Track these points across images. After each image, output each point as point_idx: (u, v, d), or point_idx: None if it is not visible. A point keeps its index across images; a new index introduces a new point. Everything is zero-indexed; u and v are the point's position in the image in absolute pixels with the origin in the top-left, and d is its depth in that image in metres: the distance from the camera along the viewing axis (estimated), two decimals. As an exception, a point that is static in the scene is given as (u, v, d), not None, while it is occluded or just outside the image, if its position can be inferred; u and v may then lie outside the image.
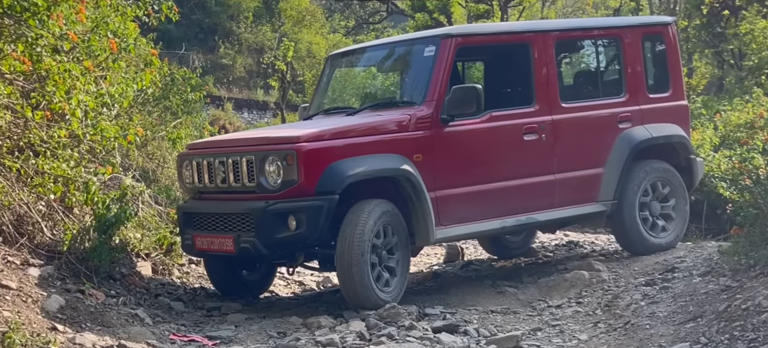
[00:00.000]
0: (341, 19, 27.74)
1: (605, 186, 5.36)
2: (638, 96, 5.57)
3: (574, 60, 6.10)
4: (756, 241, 4.04)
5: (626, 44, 5.57)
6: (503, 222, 5.03)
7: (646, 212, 5.50)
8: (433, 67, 4.87)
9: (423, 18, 17.18)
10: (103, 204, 4.77)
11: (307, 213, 4.37)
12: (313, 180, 4.40)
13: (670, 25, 5.86)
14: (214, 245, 4.70)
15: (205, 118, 10.46)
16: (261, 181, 4.50)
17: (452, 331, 4.25)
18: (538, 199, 5.16)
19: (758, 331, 3.36)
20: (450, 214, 4.80)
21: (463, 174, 4.88)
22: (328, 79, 5.87)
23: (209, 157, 4.80)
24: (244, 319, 4.74)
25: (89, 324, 4.12)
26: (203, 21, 27.46)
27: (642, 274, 5.00)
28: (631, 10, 16.30)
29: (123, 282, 4.94)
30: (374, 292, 4.51)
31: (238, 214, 4.59)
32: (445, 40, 4.93)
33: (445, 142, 4.79)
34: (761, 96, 9.57)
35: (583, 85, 5.71)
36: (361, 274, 4.44)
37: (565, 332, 4.21)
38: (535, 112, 5.17)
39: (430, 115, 4.76)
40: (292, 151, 4.41)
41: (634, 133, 5.45)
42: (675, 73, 5.76)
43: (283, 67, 17.96)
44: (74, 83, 4.73)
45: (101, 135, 4.88)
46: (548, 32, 5.39)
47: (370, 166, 4.54)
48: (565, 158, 5.24)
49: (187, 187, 5.02)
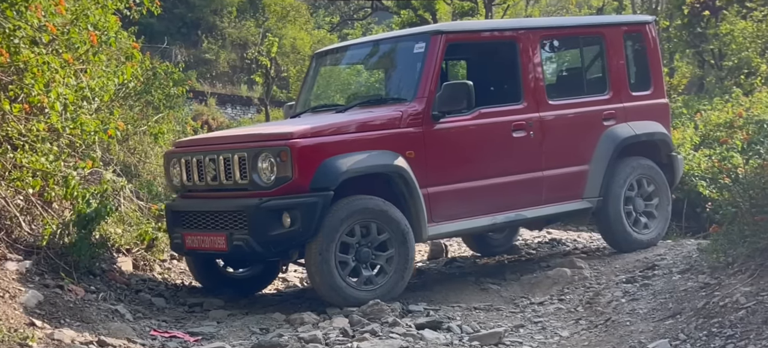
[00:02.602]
0: (326, 15, 27.66)
1: (591, 183, 5.39)
2: (621, 94, 5.61)
3: (560, 58, 6.13)
4: (734, 239, 4.09)
5: (609, 42, 5.62)
6: (493, 219, 5.04)
7: (630, 207, 5.56)
8: (424, 64, 4.87)
9: (408, 15, 17.20)
10: (83, 199, 4.71)
11: (302, 210, 4.34)
12: (307, 176, 4.38)
13: (649, 24, 5.92)
14: (205, 244, 4.66)
15: (188, 114, 10.37)
16: (254, 178, 4.46)
17: (436, 328, 4.26)
18: (526, 196, 5.17)
19: (735, 327, 3.41)
20: (441, 211, 4.80)
21: (454, 171, 4.87)
22: (313, 76, 5.85)
23: (198, 154, 4.74)
24: (227, 315, 4.71)
25: (68, 320, 4.07)
26: (186, 15, 27.22)
27: (623, 271, 5.04)
28: (614, 10, 16.44)
29: (103, 278, 4.88)
30: (346, 291, 4.48)
31: (230, 212, 4.55)
32: (434, 37, 4.93)
33: (436, 138, 4.79)
34: (740, 96, 9.70)
35: (569, 83, 5.74)
36: (327, 273, 4.41)
37: (547, 329, 4.24)
38: (524, 109, 5.19)
39: (421, 112, 4.76)
40: (286, 147, 4.38)
41: (618, 130, 5.50)
42: (655, 72, 5.82)
43: (267, 63, 17.88)
44: (53, 76, 4.66)
45: (81, 129, 4.82)
46: (534, 30, 5.42)
47: (364, 162, 4.52)
48: (552, 155, 5.26)
49: (175, 185, 4.96)
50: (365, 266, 4.59)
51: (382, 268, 4.63)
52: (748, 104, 8.99)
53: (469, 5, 17.00)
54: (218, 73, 27.61)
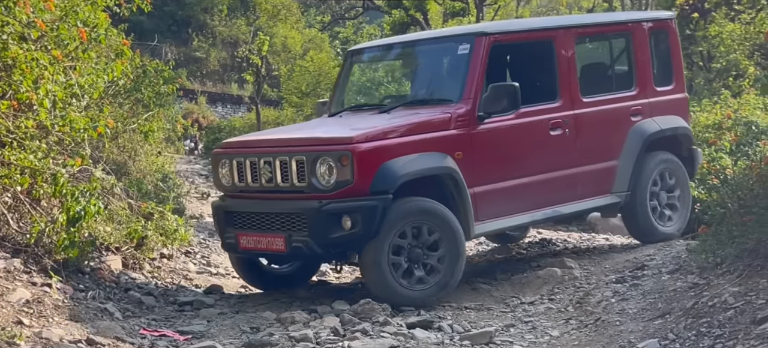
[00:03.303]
0: (317, 13, 27.62)
1: (620, 178, 5.51)
2: (647, 89, 5.73)
3: (590, 55, 6.24)
4: (723, 240, 4.12)
5: (636, 39, 5.73)
6: (532, 216, 5.16)
7: (655, 202, 5.68)
8: (469, 65, 4.96)
9: (399, 14, 17.21)
10: (72, 196, 4.67)
11: (363, 213, 4.44)
12: (367, 180, 4.46)
13: (673, 20, 6.07)
14: (261, 244, 4.73)
15: (178, 112, 10.32)
16: (312, 181, 4.53)
17: (426, 327, 4.27)
18: (562, 193, 5.28)
19: (724, 327, 3.43)
20: (486, 209, 4.90)
21: (497, 170, 4.98)
22: (347, 74, 5.89)
23: (252, 156, 4.80)
24: (217, 314, 4.69)
25: (56, 318, 4.04)
26: (176, 13, 27.09)
27: (613, 271, 5.07)
28: (604, 10, 16.51)
29: (92, 276, 4.85)
30: (399, 290, 4.56)
31: (289, 214, 4.63)
32: (479, 39, 5.03)
33: (481, 139, 4.89)
34: (729, 97, 9.77)
35: (599, 80, 5.82)
36: (380, 272, 4.51)
37: (537, 328, 4.26)
38: (559, 107, 5.29)
39: (468, 113, 4.85)
40: (347, 152, 4.46)
41: (645, 125, 5.61)
42: (677, 67, 5.96)
43: (257, 61, 17.82)
44: (42, 73, 4.62)
45: (70, 126, 4.78)
46: (570, 28, 5.55)
47: (420, 164, 4.62)
48: (585, 152, 5.36)
49: (225, 186, 5.00)
50: (417, 266, 4.67)
51: (433, 267, 4.69)
52: (736, 106, 9.06)
53: (460, 5, 17.04)
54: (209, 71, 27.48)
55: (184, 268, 5.86)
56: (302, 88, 18.96)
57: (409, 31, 17.58)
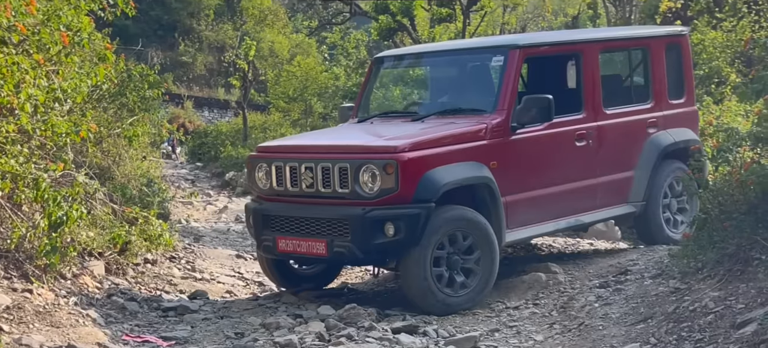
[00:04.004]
0: (304, 19, 27.60)
1: (635, 188, 5.67)
2: (662, 102, 5.87)
3: (611, 68, 6.39)
4: (704, 245, 4.16)
5: (653, 53, 5.88)
6: (557, 224, 5.30)
7: (667, 212, 5.86)
8: (503, 77, 5.08)
9: (386, 20, 17.23)
10: (54, 201, 4.63)
11: (406, 221, 4.51)
12: (411, 188, 4.54)
13: (686, 35, 6.25)
14: (301, 248, 4.79)
15: (164, 116, 10.26)
16: (355, 188, 4.59)
17: (411, 332, 4.27)
18: (584, 202, 5.43)
19: (704, 331, 3.47)
20: (516, 218, 5.01)
21: (527, 179, 5.10)
22: (374, 80, 5.97)
23: (292, 161, 4.85)
24: (201, 319, 4.66)
25: (37, 324, 3.99)
26: (162, 17, 26.95)
27: (596, 276, 5.10)
28: (589, 19, 16.66)
29: (74, 281, 4.80)
30: (440, 297, 4.63)
31: (331, 220, 4.68)
32: (513, 51, 5.14)
33: (513, 149, 5.01)
34: (711, 104, 9.88)
35: (618, 92, 5.95)
36: (423, 280, 4.57)
37: (521, 333, 4.27)
38: (584, 119, 5.42)
39: (502, 123, 4.96)
40: (393, 160, 4.53)
41: (660, 137, 5.79)
42: (689, 81, 6.13)
43: (244, 66, 17.77)
44: (23, 77, 4.57)
45: (52, 131, 4.73)
46: (596, 42, 5.68)
47: (461, 174, 4.72)
48: (605, 162, 5.50)
49: (262, 189, 5.03)
50: (457, 272, 4.74)
51: (471, 270, 4.78)
52: (718, 112, 9.16)
53: (447, 11, 17.10)
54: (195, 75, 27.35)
55: (168, 274, 5.82)
56: (289, 93, 18.93)
57: (397, 37, 17.63)
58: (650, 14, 14.16)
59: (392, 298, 5.18)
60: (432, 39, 16.70)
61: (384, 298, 5.21)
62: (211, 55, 27.16)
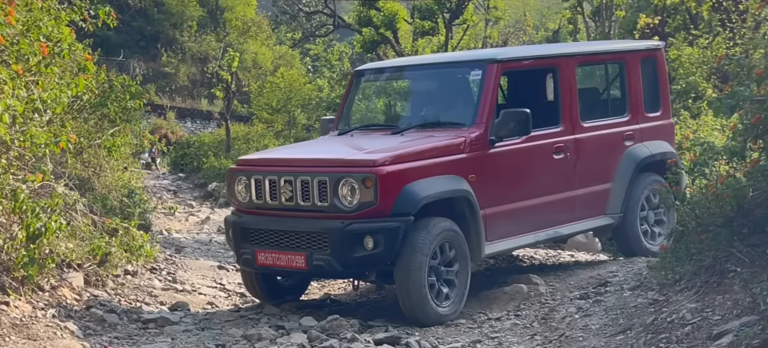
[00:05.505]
0: (288, 30, 27.62)
1: (613, 200, 5.71)
2: (638, 115, 5.93)
3: (588, 81, 6.45)
4: (682, 257, 4.21)
5: (629, 67, 5.94)
6: (536, 236, 5.31)
7: (645, 224, 5.91)
8: (482, 91, 5.10)
9: (369, 33, 17.31)
10: (33, 212, 4.58)
11: (385, 234, 4.51)
12: (390, 202, 4.54)
13: (661, 49, 6.32)
14: (281, 261, 4.76)
15: (146, 127, 10.19)
16: (334, 201, 4.58)
17: (394, 344, 4.27)
18: (562, 214, 5.45)
19: (682, 342, 3.51)
20: (495, 230, 5.03)
21: (505, 192, 5.12)
22: (354, 93, 5.97)
23: (272, 174, 4.83)
24: (182, 331, 4.62)
25: (14, 337, 3.94)
26: (145, 28, 26.82)
27: (577, 287, 5.15)
28: (569, 33, 16.87)
29: (52, 293, 4.74)
30: (434, 309, 4.64)
31: (310, 233, 4.66)
32: (491, 65, 5.16)
33: (492, 162, 5.02)
34: (688, 118, 10.04)
35: (595, 106, 6.01)
36: (419, 293, 4.57)
37: (503, 344, 4.29)
38: (562, 132, 5.45)
39: (481, 137, 4.98)
40: (372, 174, 4.52)
41: (637, 150, 5.83)
42: (664, 94, 6.20)
43: (227, 78, 17.73)
44: (2, 87, 4.53)
45: (31, 141, 4.69)
46: (573, 56, 5.71)
47: (440, 187, 4.72)
48: (583, 175, 5.53)
49: (242, 202, 5.00)
50: (441, 283, 4.74)
51: (451, 281, 4.79)
52: (695, 127, 9.31)
53: (429, 25, 17.23)
54: (178, 86, 27.20)
55: (149, 285, 5.77)
56: (272, 104, 18.91)
57: (380, 50, 17.70)
58: (629, 30, 14.38)
59: (375, 309, 5.18)
60: (415, 52, 16.81)
61: (366, 310, 5.21)
62: (194, 66, 27.04)
